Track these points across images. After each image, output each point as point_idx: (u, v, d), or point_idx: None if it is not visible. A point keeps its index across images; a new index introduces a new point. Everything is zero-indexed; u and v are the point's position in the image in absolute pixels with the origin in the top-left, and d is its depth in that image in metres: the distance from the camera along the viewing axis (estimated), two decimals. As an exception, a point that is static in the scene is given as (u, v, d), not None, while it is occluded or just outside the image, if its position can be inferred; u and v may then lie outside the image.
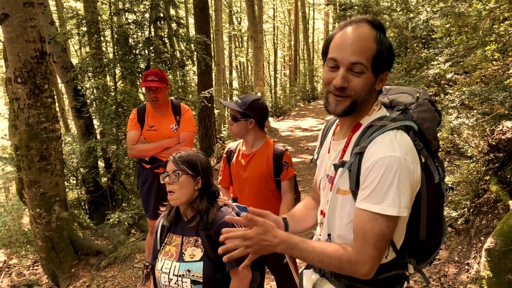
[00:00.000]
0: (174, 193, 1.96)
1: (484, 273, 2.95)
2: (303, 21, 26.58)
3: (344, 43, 1.39)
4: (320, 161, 1.71)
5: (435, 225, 1.45)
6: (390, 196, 1.28)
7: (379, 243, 1.32)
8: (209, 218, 1.98)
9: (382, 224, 1.31)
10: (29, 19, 4.54)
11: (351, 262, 1.35)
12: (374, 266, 1.34)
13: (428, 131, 1.42)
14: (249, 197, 2.77)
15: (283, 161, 2.76)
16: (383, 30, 1.43)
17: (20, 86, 4.62)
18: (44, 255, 5.02)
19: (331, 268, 1.41)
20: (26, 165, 4.78)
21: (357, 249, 1.35)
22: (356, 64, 1.36)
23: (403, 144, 1.34)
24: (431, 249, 1.50)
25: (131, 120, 3.92)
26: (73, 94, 6.98)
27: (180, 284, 1.94)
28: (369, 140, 1.37)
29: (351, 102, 1.40)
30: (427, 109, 1.44)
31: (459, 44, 4.51)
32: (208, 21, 10.57)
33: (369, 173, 1.32)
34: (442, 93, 4.52)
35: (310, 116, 16.91)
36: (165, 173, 2.01)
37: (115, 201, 6.96)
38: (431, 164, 1.41)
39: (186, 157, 2.01)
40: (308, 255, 1.40)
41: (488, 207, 4.19)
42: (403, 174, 1.29)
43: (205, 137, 10.65)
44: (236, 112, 2.73)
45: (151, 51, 6.85)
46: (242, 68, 30.51)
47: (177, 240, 2.05)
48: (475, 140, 4.19)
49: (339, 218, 1.48)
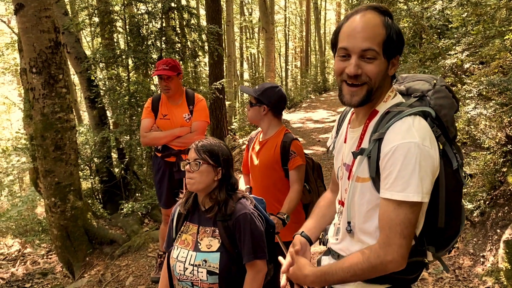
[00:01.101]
0: (193, 179, 1.96)
1: (502, 265, 2.91)
2: (315, 11, 26.34)
3: (353, 31, 1.39)
4: (337, 151, 1.71)
5: (454, 212, 1.44)
6: (413, 182, 1.28)
7: (405, 230, 1.32)
8: (227, 210, 1.97)
9: (407, 210, 1.31)
10: (43, 9, 4.56)
11: (380, 257, 1.34)
12: (403, 254, 1.33)
13: (446, 118, 1.41)
14: (260, 185, 2.78)
15: (290, 150, 2.70)
16: (390, 15, 1.43)
17: (35, 76, 4.65)
18: (59, 243, 5.08)
19: (366, 274, 1.39)
20: (41, 154, 4.83)
21: (384, 241, 1.35)
22: (367, 50, 1.36)
23: (421, 129, 1.33)
24: (449, 237, 1.49)
25: (145, 108, 3.94)
26: (87, 84, 7.01)
27: (196, 274, 1.94)
28: (387, 126, 1.37)
29: (366, 90, 1.40)
30: (445, 95, 1.44)
31: (476, 33, 4.42)
32: (219, 11, 10.52)
33: (389, 160, 1.32)
34: (459, 83, 4.44)
35: (322, 108, 16.81)
36: (186, 161, 2.01)
37: (128, 191, 7.01)
38: (449, 150, 1.40)
39: (208, 146, 2.00)
40: (340, 275, 1.42)
41: (504, 199, 4.13)
42: (424, 160, 1.29)
43: (216, 128, 10.66)
44: (252, 97, 2.78)
45: (163, 42, 6.84)
46: (253, 59, 30.40)
47: (193, 229, 2.04)
48: (493, 131, 4.11)
49: (359, 206, 1.48)
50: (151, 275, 4.40)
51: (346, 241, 1.57)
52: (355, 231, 1.51)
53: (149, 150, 6.68)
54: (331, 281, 1.46)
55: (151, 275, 4.40)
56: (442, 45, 4.86)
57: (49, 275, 6.04)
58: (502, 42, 4.10)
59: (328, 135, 10.95)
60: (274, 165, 2.73)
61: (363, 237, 1.49)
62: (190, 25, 7.21)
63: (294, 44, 35.73)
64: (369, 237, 1.47)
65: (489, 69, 4.04)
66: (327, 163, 8.31)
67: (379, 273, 1.38)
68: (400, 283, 1.49)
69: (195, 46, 7.44)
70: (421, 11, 5.83)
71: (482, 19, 4.39)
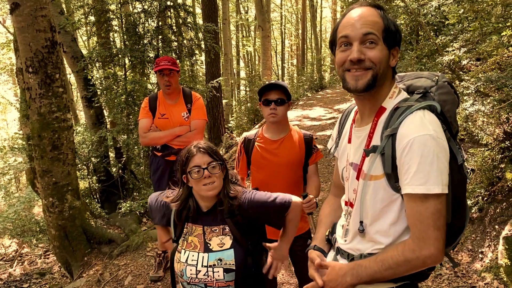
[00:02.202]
0: (215, 183, 1.88)
1: (502, 261, 2.92)
2: (311, 9, 26.32)
3: (351, 21, 1.41)
4: (340, 153, 1.70)
5: (460, 207, 1.44)
6: (433, 174, 1.29)
7: (438, 222, 1.31)
8: (237, 202, 1.94)
9: (436, 201, 1.30)
10: (39, 8, 4.53)
11: (415, 252, 1.33)
12: (440, 247, 1.32)
13: (449, 113, 1.41)
14: (281, 183, 2.75)
15: (312, 145, 2.80)
16: (385, 11, 1.46)
17: (32, 76, 4.62)
18: (57, 243, 5.06)
19: (402, 269, 1.36)
20: (39, 154, 4.80)
21: (417, 236, 1.33)
22: (368, 35, 1.38)
23: (433, 122, 1.34)
24: (456, 232, 1.48)
25: (142, 108, 3.92)
26: (84, 84, 6.99)
27: (211, 274, 1.89)
28: (399, 121, 1.36)
29: (372, 75, 1.39)
30: (448, 91, 1.44)
31: (474, 30, 4.43)
32: (215, 10, 10.51)
33: (407, 154, 1.32)
34: (457, 80, 4.45)
35: (319, 106, 16.79)
36: (196, 167, 1.87)
37: (126, 190, 6.99)
38: (454, 146, 1.40)
39: (210, 146, 1.95)
40: (373, 268, 1.39)
41: (502, 195, 4.14)
42: (440, 152, 1.30)
43: (213, 127, 10.65)
44: (283, 93, 2.68)
45: (160, 40, 6.82)
46: (250, 57, 30.38)
47: (198, 230, 1.98)
48: (491, 128, 4.12)
49: (372, 204, 1.46)
50: (150, 274, 4.39)
51: (356, 241, 1.55)
52: (367, 230, 1.49)
53: (147, 149, 6.67)
54: (364, 274, 1.41)
55: (150, 274, 4.39)
56: (439, 42, 4.87)
57: (47, 275, 6.02)
58: (499, 39, 4.10)
59: (325, 133, 10.96)
60: (298, 161, 2.78)
61: (376, 236, 1.47)
62: (186, 24, 7.19)
63: (290, 42, 35.73)
64: (383, 235, 1.46)
65: (487, 66, 4.04)
66: (324, 160, 8.32)
67: (415, 268, 1.36)
68: (419, 278, 1.48)
69: (192, 45, 7.43)
70: (418, 8, 5.84)
71: (479, 15, 4.40)
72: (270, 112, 2.66)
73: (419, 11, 5.88)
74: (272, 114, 2.67)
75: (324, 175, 7.63)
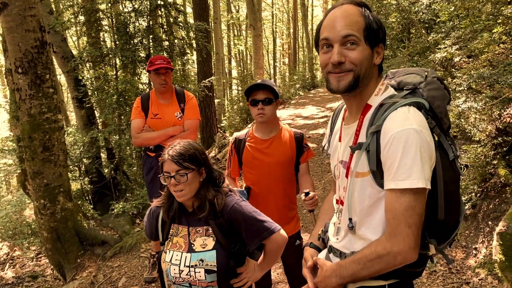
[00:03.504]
0: (183, 191, 1.89)
1: (496, 257, 2.93)
2: (302, 8, 26.33)
3: (332, 22, 1.42)
4: (332, 151, 1.71)
5: (453, 204, 1.43)
6: (415, 169, 1.27)
7: (410, 219, 1.29)
8: (218, 206, 1.93)
9: (410, 198, 1.29)
10: (28, 8, 4.47)
11: (386, 248, 1.32)
12: (411, 245, 1.30)
13: (439, 109, 1.41)
14: (273, 182, 2.74)
15: (303, 144, 2.79)
16: (368, 7, 1.45)
17: (21, 77, 4.56)
18: (49, 246, 5.01)
19: (377, 267, 1.36)
20: (29, 156, 4.74)
21: (389, 232, 1.33)
22: (348, 36, 1.38)
23: (417, 117, 1.34)
24: (450, 229, 1.48)
25: (135, 108, 3.88)
26: (74, 84, 6.92)
27: (193, 274, 1.91)
28: (383, 117, 1.36)
29: (353, 76, 1.40)
30: (437, 87, 1.44)
31: (465, 27, 4.45)
32: (207, 9, 10.47)
33: (389, 149, 1.31)
34: (450, 77, 4.47)
35: (311, 104, 16.82)
36: (165, 174, 1.90)
37: (118, 191, 6.94)
38: (445, 141, 1.40)
39: (184, 152, 1.91)
40: (352, 268, 1.41)
41: (495, 191, 4.17)
42: (423, 146, 1.29)
43: (206, 126, 10.61)
44: (270, 92, 2.65)
45: (151, 40, 6.77)
46: (241, 57, 30.35)
47: (183, 231, 2.01)
48: (483, 124, 4.14)
49: (360, 201, 1.46)
50: (144, 276, 4.36)
51: (348, 239, 1.55)
52: (357, 227, 1.49)
53: (139, 150, 6.62)
54: (346, 275, 1.43)
55: (144, 276, 4.36)
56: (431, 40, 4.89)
57: (40, 278, 5.96)
58: (490, 36, 4.13)
59: (318, 131, 10.96)
60: (289, 160, 2.77)
61: (365, 233, 1.47)
62: (178, 23, 7.14)
63: (282, 41, 35.76)
64: (372, 232, 1.45)
65: (478, 63, 4.06)
66: (317, 159, 8.33)
67: (388, 264, 1.35)
68: (408, 276, 1.48)
69: (183, 44, 7.39)
70: (409, 5, 5.86)
71: (471, 13, 4.42)
72: (258, 112, 2.65)
73: (411, 9, 5.91)
74: (260, 114, 2.65)
75: (317, 173, 7.63)
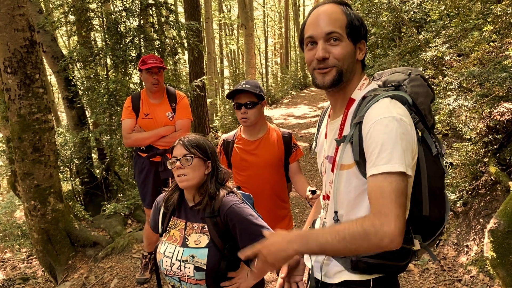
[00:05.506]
0: (186, 175, 1.92)
1: (488, 254, 2.95)
2: (294, 7, 26.41)
3: (315, 19, 1.47)
4: (319, 149, 1.73)
5: (437, 200, 1.45)
6: (396, 154, 1.28)
7: (399, 199, 1.25)
8: (215, 204, 1.94)
9: (398, 179, 1.26)
10: (17, 7, 4.42)
11: (375, 226, 1.23)
12: (401, 228, 1.23)
13: (423, 106, 1.44)
14: (263, 183, 2.74)
15: (292, 143, 2.78)
16: (349, 6, 1.51)
17: (10, 76, 4.51)
18: (40, 247, 4.95)
19: (357, 243, 1.25)
20: (19, 157, 4.69)
21: (378, 210, 1.25)
22: (331, 33, 1.43)
23: (398, 108, 1.37)
24: (435, 225, 1.48)
25: (125, 108, 3.84)
26: (65, 84, 6.85)
27: (183, 269, 1.91)
28: (365, 109, 1.40)
29: (337, 71, 1.45)
30: (420, 83, 1.48)
31: (455, 26, 4.48)
32: (198, 8, 10.43)
33: (370, 137, 1.33)
34: (440, 75, 4.49)
35: (303, 104, 16.88)
36: (173, 158, 1.96)
37: (110, 192, 6.89)
38: (428, 137, 1.42)
39: (195, 141, 1.99)
40: (326, 237, 1.30)
41: (486, 189, 4.20)
42: (404, 133, 1.31)
43: (198, 126, 10.58)
44: (253, 95, 2.61)
45: (142, 39, 6.72)
46: (233, 56, 30.31)
47: (181, 225, 2.03)
48: (474, 122, 4.17)
49: (346, 193, 1.48)
50: (136, 277, 4.33)
51: None
52: (343, 220, 1.50)
53: (130, 150, 6.57)
54: (314, 244, 1.32)
55: (136, 277, 4.33)
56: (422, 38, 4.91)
57: (31, 280, 5.89)
58: (480, 34, 4.16)
59: (310, 130, 10.99)
60: (278, 160, 2.76)
61: None
62: (169, 22, 7.11)
63: (273, 41, 35.76)
64: None
65: (469, 61, 4.09)
66: (310, 158, 8.35)
67: (371, 246, 1.24)
68: (393, 270, 1.49)
69: (175, 43, 7.35)
70: (400, 4, 5.89)
71: (461, 12, 4.45)
72: (241, 116, 2.64)
73: (402, 8, 5.94)
74: (243, 118, 2.64)
75: (310, 172, 7.65)
